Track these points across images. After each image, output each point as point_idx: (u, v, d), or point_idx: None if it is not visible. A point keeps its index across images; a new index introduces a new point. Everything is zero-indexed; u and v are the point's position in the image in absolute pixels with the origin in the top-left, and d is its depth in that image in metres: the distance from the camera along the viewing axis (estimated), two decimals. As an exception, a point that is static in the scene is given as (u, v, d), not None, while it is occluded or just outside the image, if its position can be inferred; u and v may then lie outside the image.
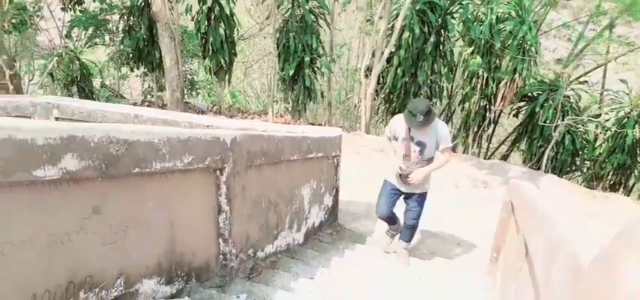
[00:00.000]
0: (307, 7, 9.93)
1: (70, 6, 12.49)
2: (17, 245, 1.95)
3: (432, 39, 8.73)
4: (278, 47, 10.20)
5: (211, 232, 3.12)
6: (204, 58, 10.66)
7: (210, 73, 10.59)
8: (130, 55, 12.11)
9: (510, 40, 8.42)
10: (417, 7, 8.71)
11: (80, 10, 12.38)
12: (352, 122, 11.46)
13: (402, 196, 4.31)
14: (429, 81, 9.18)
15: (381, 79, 9.74)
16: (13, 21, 12.43)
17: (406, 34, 8.74)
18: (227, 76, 10.93)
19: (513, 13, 8.65)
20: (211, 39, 10.31)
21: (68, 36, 12.41)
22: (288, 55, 9.91)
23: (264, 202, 3.71)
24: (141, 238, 2.56)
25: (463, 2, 8.74)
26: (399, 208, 4.44)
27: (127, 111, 4.80)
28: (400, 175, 4.10)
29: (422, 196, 4.26)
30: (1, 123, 1.82)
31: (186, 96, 13.53)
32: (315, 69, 10.32)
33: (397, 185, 4.22)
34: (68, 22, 12.20)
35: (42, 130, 1.95)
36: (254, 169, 3.41)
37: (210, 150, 2.88)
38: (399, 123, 4.17)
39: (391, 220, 4.49)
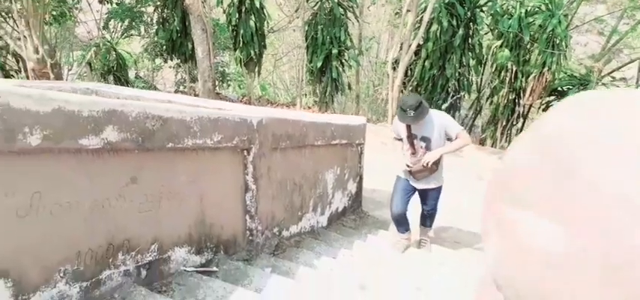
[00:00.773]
0: (336, 0, 10.03)
1: (108, 0, 12.97)
2: (64, 207, 2.16)
3: (460, 32, 8.71)
4: (306, 40, 10.36)
5: (238, 208, 3.30)
6: (235, 50, 10.91)
7: (241, 65, 10.84)
8: (164, 46, 12.49)
9: (540, 34, 8.33)
10: (446, 0, 8.72)
11: (117, 3, 12.85)
12: (379, 115, 11.55)
13: (417, 193, 4.18)
14: (457, 74, 9.17)
15: (409, 71, 9.78)
16: (54, 13, 12.99)
17: (434, 27, 8.76)
18: (257, 68, 11.16)
19: (543, 7, 8.55)
20: (242, 31, 10.54)
21: (105, 27, 12.89)
22: (317, 48, 10.05)
23: (289, 184, 3.87)
24: (173, 209, 2.75)
25: (494, -6, 8.70)
26: (412, 210, 4.35)
27: (161, 97, 5.04)
28: (410, 171, 4.01)
29: (437, 191, 4.14)
30: (52, 95, 2.03)
31: (217, 87, 13.87)
32: (343, 61, 10.43)
33: (411, 182, 4.12)
34: (105, 14, 12.66)
35: (87, 104, 2.15)
36: (279, 151, 3.58)
37: (238, 130, 3.06)
38: (398, 122, 4.10)
39: (404, 220, 4.25)
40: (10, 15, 11.89)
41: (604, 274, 0.70)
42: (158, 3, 12.60)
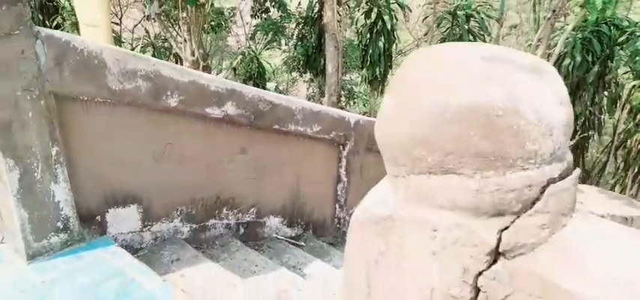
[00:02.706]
0: (466, 27, 10.02)
1: (258, 14, 14.48)
2: (188, 159, 2.73)
3: (595, 69, 8.14)
4: (432, 64, 10.51)
5: (330, 196, 3.67)
6: (362, 69, 11.43)
7: (366, 83, 11.32)
8: (300, 60, 13.53)
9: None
10: (582, 35, 8.22)
11: (265, 18, 14.26)
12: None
13: None
14: (587, 112, 8.55)
15: (537, 106, 9.37)
16: (212, 23, 14.84)
17: (567, 61, 8.31)
18: (380, 87, 11.55)
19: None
20: (370, 51, 11.03)
21: (252, 38, 14.35)
22: (441, 72, 10.15)
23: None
24: (273, 183, 3.22)
25: (635, 33, 7.98)
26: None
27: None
28: None
29: None
30: (189, 71, 2.61)
31: (344, 103, 14.55)
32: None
33: None
34: (253, 26, 14.11)
35: (215, 81, 2.71)
36: (373, 153, 3.88)
37: (336, 125, 3.44)
38: None
39: None
40: (177, 22, 13.87)
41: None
42: (300, 20, 13.70)
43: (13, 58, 1.86)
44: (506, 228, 0.71)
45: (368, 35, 11.28)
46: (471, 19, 10.22)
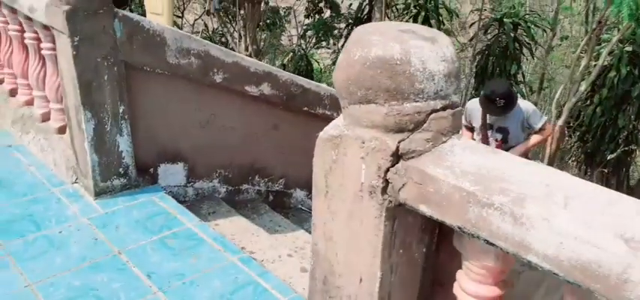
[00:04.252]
0: (513, 35, 10.09)
1: (312, 14, 15.04)
2: (228, 129, 3.20)
3: (641, 83, 8.05)
4: (476, 68, 10.60)
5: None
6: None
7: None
8: (346, 60, 13.94)
9: None
10: (628, 48, 8.14)
11: (318, 18, 14.79)
12: (534, 153, 11.07)
13: None
14: (631, 126, 8.43)
15: (580, 116, 9.29)
16: (268, 21, 15.53)
17: (612, 74, 8.24)
18: (424, 90, 11.77)
19: None
20: (416, 54, 11.28)
21: (302, 37, 14.90)
22: (484, 77, 10.22)
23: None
24: (301, 158, 3.64)
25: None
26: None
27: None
28: None
29: None
30: (233, 53, 3.09)
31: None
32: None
33: None
34: (304, 25, 14.66)
35: (254, 63, 3.17)
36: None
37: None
38: (474, 107, 3.69)
39: None
40: (234, 18, 14.63)
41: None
42: (350, 21, 14.11)
43: (97, 31, 2.40)
44: (403, 140, 1.09)
45: (414, 39, 11.51)
46: (518, 27, 10.26)
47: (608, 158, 8.63)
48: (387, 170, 1.11)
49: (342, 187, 1.23)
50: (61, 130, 3.06)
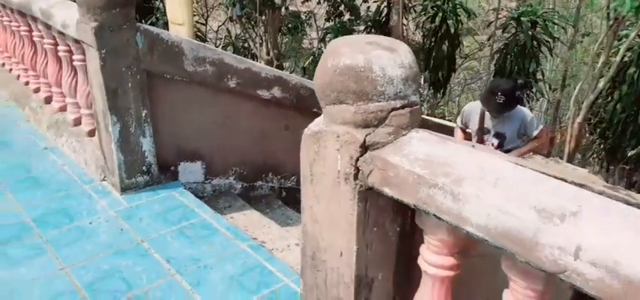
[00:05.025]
0: (530, 34, 10.10)
1: (332, 18, 15.28)
2: (243, 129, 3.45)
3: (662, 79, 7.97)
4: (495, 67, 10.64)
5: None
6: (425, 71, 11.80)
7: (429, 86, 11.68)
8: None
9: None
10: (647, 43, 8.10)
11: (338, 21, 15.01)
12: (557, 151, 11.00)
13: None
14: (652, 123, 8.37)
15: (601, 112, 9.26)
16: (289, 25, 15.83)
17: (632, 70, 8.20)
18: (442, 90, 11.84)
19: None
20: (434, 54, 11.38)
21: (322, 40, 15.12)
22: (503, 75, 10.26)
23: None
24: (311, 157, 3.87)
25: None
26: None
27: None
28: None
29: None
30: (244, 59, 3.34)
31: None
32: (529, 93, 10.37)
33: None
34: (323, 28, 14.89)
35: (265, 69, 3.42)
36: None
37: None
38: (472, 110, 3.72)
39: None
40: (256, 23, 14.98)
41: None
42: (368, 23, 14.26)
43: (121, 44, 2.68)
44: (369, 133, 1.29)
45: (432, 39, 11.62)
46: (537, 25, 10.25)
47: (629, 155, 8.58)
48: (358, 159, 1.32)
49: (323, 175, 1.45)
50: (91, 133, 3.36)
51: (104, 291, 2.19)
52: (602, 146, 9.44)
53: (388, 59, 1.27)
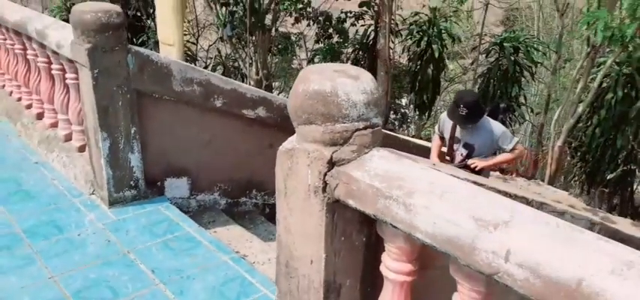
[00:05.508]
0: (512, 59, 10.42)
1: (322, 40, 15.57)
2: (227, 148, 3.59)
3: (638, 104, 8.27)
4: (479, 90, 10.93)
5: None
6: (411, 93, 12.08)
7: (414, 108, 11.95)
8: (354, 83, 14.36)
9: None
10: (626, 70, 8.41)
11: (327, 43, 15.30)
12: (540, 173, 11.28)
13: None
14: (629, 146, 8.64)
15: (581, 137, 9.54)
16: (279, 46, 16.08)
17: (609, 95, 8.51)
18: (427, 112, 12.11)
19: None
20: (419, 77, 11.66)
21: (311, 61, 15.36)
22: (485, 99, 10.55)
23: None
24: (295, 174, 4.02)
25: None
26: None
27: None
28: None
29: None
30: (231, 80, 3.49)
31: (397, 126, 15.14)
32: (512, 116, 10.66)
33: None
34: (312, 50, 15.15)
35: (251, 90, 3.57)
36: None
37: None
38: (446, 120, 3.83)
39: None
40: (247, 44, 15.21)
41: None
42: (356, 46, 14.56)
43: (113, 65, 2.83)
44: (336, 151, 1.45)
45: (418, 62, 11.91)
46: (519, 51, 10.59)
47: (608, 178, 8.83)
48: (325, 174, 1.48)
49: (296, 189, 1.60)
50: (81, 149, 3.48)
51: (91, 299, 2.30)
52: (582, 169, 9.70)
53: (352, 86, 1.44)
